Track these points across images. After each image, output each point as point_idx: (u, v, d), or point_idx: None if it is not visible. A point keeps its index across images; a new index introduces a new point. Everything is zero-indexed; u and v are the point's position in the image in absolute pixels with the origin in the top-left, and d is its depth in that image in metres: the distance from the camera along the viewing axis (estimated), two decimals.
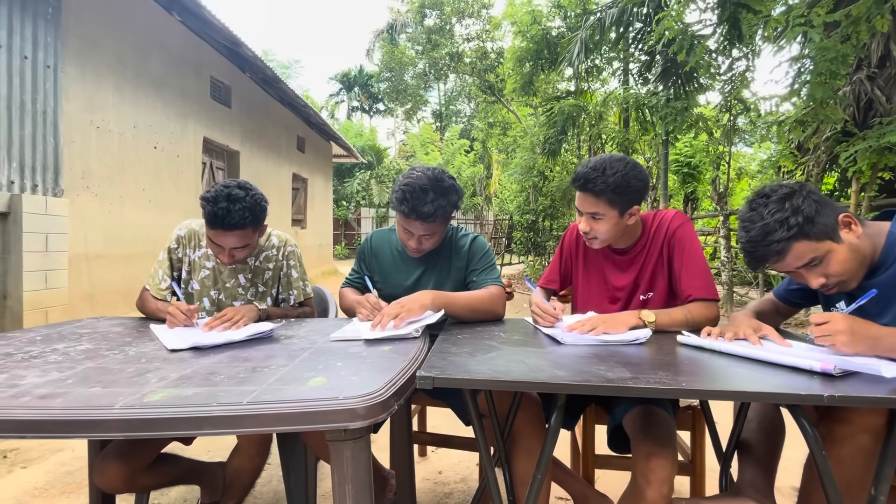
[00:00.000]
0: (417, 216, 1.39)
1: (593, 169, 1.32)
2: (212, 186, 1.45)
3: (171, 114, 5.09)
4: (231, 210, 1.37)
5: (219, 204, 1.37)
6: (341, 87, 27.02)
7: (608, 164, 1.32)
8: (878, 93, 5.98)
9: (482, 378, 0.82)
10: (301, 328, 1.38)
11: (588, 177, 1.32)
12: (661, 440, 1.11)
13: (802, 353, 0.94)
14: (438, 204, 1.39)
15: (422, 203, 1.37)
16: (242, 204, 1.39)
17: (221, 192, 1.39)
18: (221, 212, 1.37)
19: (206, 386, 0.85)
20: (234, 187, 1.42)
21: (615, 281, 1.50)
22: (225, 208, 1.37)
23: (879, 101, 5.91)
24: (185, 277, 1.61)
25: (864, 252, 1.04)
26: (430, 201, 1.38)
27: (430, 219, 1.40)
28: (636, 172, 1.34)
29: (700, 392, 0.78)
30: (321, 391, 0.81)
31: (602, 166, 1.32)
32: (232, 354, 1.08)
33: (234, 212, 1.37)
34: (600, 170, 1.31)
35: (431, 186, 1.39)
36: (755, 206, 1.09)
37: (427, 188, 1.38)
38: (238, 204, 1.38)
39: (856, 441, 0.91)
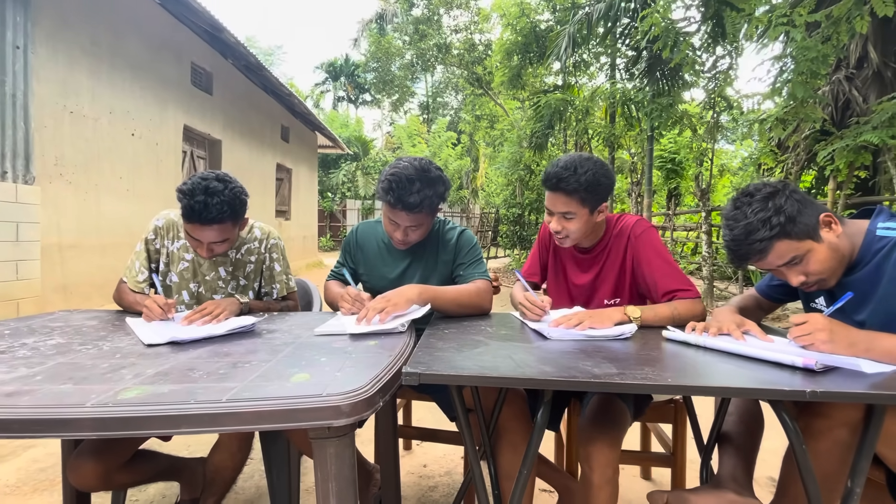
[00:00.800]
0: (403, 206, 1.37)
1: (565, 168, 1.33)
2: (189, 178, 1.40)
3: (149, 100, 4.93)
4: (209, 204, 1.32)
5: (195, 197, 1.32)
6: (327, 77, 26.59)
7: (578, 163, 1.33)
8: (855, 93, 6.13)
9: (469, 374, 0.81)
10: (284, 322, 1.35)
11: (560, 176, 1.33)
12: (604, 427, 1.15)
13: (785, 349, 0.95)
14: (425, 194, 1.37)
15: (408, 193, 1.35)
16: (221, 197, 1.34)
17: (199, 185, 1.34)
18: (198, 206, 1.32)
19: (183, 382, 0.82)
20: (212, 179, 1.37)
21: (575, 279, 1.52)
22: (202, 202, 1.32)
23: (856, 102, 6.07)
24: (163, 269, 1.56)
25: (843, 251, 1.06)
26: (416, 191, 1.35)
27: (416, 209, 1.38)
28: (605, 171, 1.36)
29: (686, 388, 0.78)
30: (304, 387, 0.79)
31: (573, 165, 1.33)
32: (211, 349, 1.05)
33: (212, 206, 1.33)
34: (571, 168, 1.32)
35: (418, 176, 1.37)
36: (739, 204, 1.10)
37: (413, 178, 1.36)
38: (216, 197, 1.33)
39: (834, 435, 0.93)
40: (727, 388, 0.77)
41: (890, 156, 4.33)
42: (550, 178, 1.35)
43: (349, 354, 0.99)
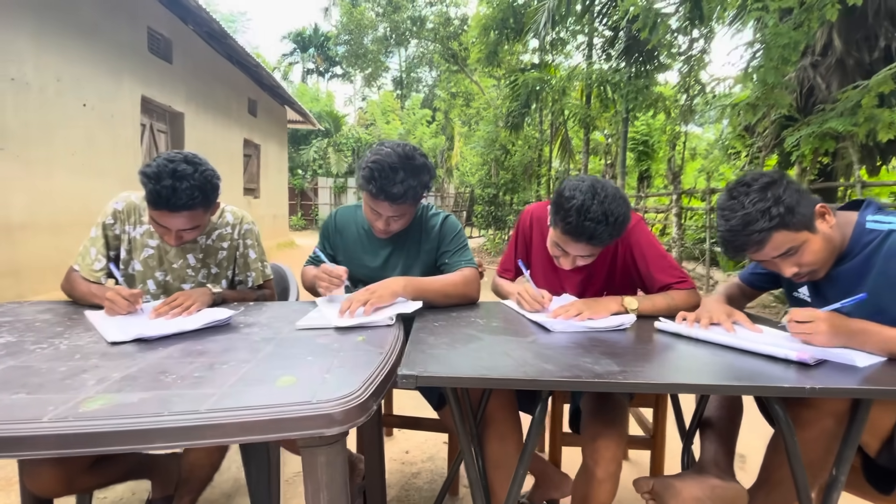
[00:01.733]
0: (386, 197, 1.29)
1: (596, 222, 1.16)
2: (153, 159, 1.27)
3: (101, 68, 4.55)
4: (177, 189, 1.20)
5: (162, 182, 1.20)
6: (295, 48, 25.41)
7: (608, 211, 1.16)
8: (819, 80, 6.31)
9: (469, 376, 0.77)
10: (262, 314, 1.27)
11: (594, 232, 1.17)
12: (609, 422, 1.14)
13: (778, 342, 0.96)
14: (409, 184, 1.29)
15: (391, 183, 1.27)
16: (191, 182, 1.22)
17: (165, 168, 1.21)
18: (166, 191, 1.20)
19: (155, 389, 0.75)
20: (179, 162, 1.24)
21: (565, 273, 1.47)
22: (170, 187, 1.20)
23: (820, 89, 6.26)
24: (124, 257, 1.44)
25: (835, 242, 1.07)
26: (399, 181, 1.27)
27: (400, 200, 1.30)
28: (625, 204, 1.22)
29: (692, 386, 0.77)
30: (291, 393, 0.73)
31: (603, 216, 1.16)
32: (184, 348, 0.97)
33: (182, 191, 1.21)
34: (604, 221, 1.16)
35: (402, 165, 1.29)
36: (736, 194, 1.08)
37: (397, 167, 1.28)
38: (185, 182, 1.22)
39: (821, 424, 0.95)
40: (732, 385, 0.76)
41: (852, 143, 4.50)
42: (582, 233, 1.18)
43: (337, 352, 0.93)
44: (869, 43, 6.09)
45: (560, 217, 1.20)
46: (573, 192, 1.18)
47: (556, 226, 1.24)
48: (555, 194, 1.25)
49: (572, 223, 1.17)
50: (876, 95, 3.96)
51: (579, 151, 9.00)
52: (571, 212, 1.17)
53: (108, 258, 1.42)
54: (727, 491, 1.11)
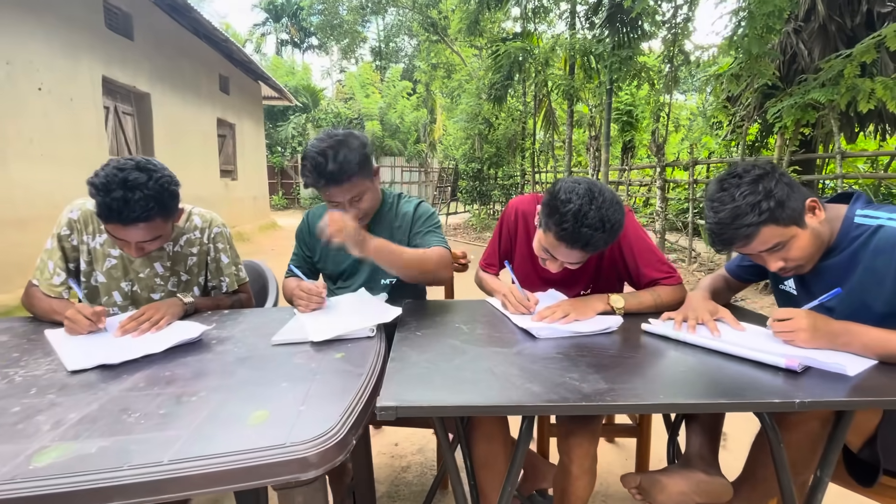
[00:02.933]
0: (328, 180, 1.27)
1: (594, 229, 1.09)
2: (102, 167, 1.15)
3: (55, 46, 4.24)
4: (129, 200, 1.10)
5: (112, 193, 1.09)
6: (267, 17, 24.19)
7: (605, 217, 1.10)
8: (801, 47, 6.26)
9: (452, 405, 0.73)
10: (236, 326, 1.21)
11: (590, 239, 1.11)
12: (581, 419, 1.14)
13: (765, 346, 0.94)
14: (342, 157, 1.27)
15: (324, 165, 1.26)
16: (144, 192, 1.12)
17: (114, 178, 1.10)
18: (117, 203, 1.10)
19: (114, 434, 0.69)
20: (131, 169, 1.13)
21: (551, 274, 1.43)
22: (121, 199, 1.10)
23: (802, 55, 6.21)
24: (85, 269, 1.35)
25: (823, 237, 1.05)
26: (331, 158, 1.26)
27: (343, 176, 1.28)
28: (620, 209, 1.15)
29: (679, 405, 0.75)
30: (264, 433, 0.68)
31: (600, 222, 1.09)
32: (151, 374, 0.91)
33: (135, 202, 1.11)
34: (601, 228, 1.10)
35: (328, 145, 1.28)
36: (726, 186, 1.05)
37: (324, 149, 1.27)
38: (138, 192, 1.11)
39: (807, 427, 0.95)
40: (721, 403, 0.74)
41: (833, 113, 4.51)
42: (577, 240, 1.11)
43: (314, 374, 0.89)
44: (851, 7, 6.03)
45: (554, 222, 1.13)
46: (569, 195, 1.11)
47: (548, 230, 1.17)
48: (547, 196, 1.18)
49: (568, 229, 1.10)
50: (858, 65, 3.93)
51: (563, 123, 8.87)
52: (567, 216, 1.09)
53: (68, 271, 1.33)
54: (712, 485, 1.12)
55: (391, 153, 16.84)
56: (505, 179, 11.24)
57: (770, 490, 1.09)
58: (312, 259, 1.54)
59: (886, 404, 0.76)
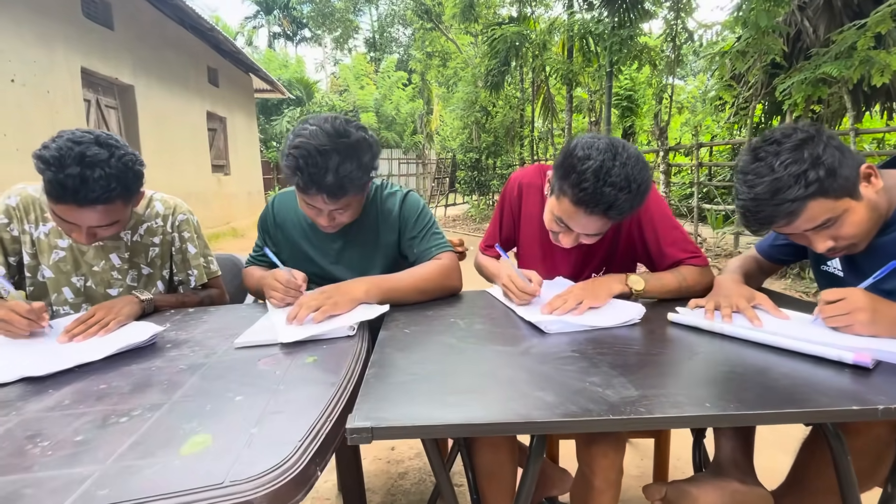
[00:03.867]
0: (319, 189, 1.02)
1: (618, 189, 0.95)
2: (52, 139, 1.00)
3: (28, 36, 4.03)
4: (88, 178, 0.95)
5: (67, 170, 0.94)
6: (258, 10, 23.77)
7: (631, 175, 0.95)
8: (806, 23, 6.05)
9: (442, 424, 0.57)
10: (198, 327, 1.05)
11: (615, 201, 0.96)
12: None
13: (822, 338, 0.78)
14: (346, 170, 1.01)
15: (322, 172, 0.99)
16: (105, 169, 0.97)
17: (70, 151, 0.95)
18: (73, 182, 0.95)
19: (12, 472, 0.54)
20: (89, 144, 0.98)
21: (560, 256, 1.28)
22: (77, 176, 0.94)
23: (807, 33, 6.00)
24: (29, 262, 1.19)
25: (880, 209, 0.88)
26: (332, 168, 1.00)
27: (338, 193, 1.04)
28: (645, 165, 1.00)
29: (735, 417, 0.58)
30: (198, 466, 0.53)
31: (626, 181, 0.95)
32: (83, 388, 0.76)
33: (94, 181, 0.96)
34: (626, 188, 0.95)
35: (333, 146, 1.00)
36: (763, 154, 0.88)
37: (327, 149, 1.00)
38: (98, 169, 0.96)
39: (873, 432, 0.79)
40: (785, 413, 0.58)
41: (845, 88, 4.32)
42: (599, 201, 0.96)
43: (276, 385, 0.73)
44: None
45: (571, 183, 0.96)
46: (588, 150, 0.95)
47: (562, 194, 1.00)
48: (562, 155, 1.01)
49: (588, 189, 0.94)
50: (872, 36, 3.74)
51: (562, 110, 8.65)
52: (587, 174, 0.93)
53: (8, 265, 1.17)
54: (750, 496, 0.97)
55: (388, 145, 16.61)
56: (504, 169, 11.04)
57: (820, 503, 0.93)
58: (279, 256, 1.26)
59: None
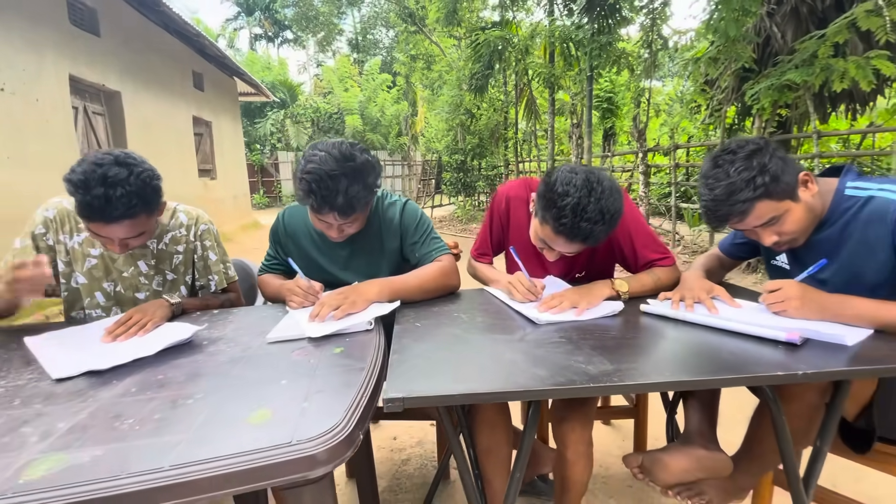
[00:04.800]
0: (331, 209, 1.17)
1: (593, 222, 1.08)
2: (78, 163, 1.10)
3: (17, 44, 4.04)
4: (111, 197, 1.06)
5: (93, 191, 1.05)
6: (239, 11, 23.55)
7: (605, 208, 1.08)
8: (775, 29, 6.37)
9: (459, 393, 0.72)
10: (227, 326, 1.18)
11: (591, 233, 1.10)
12: (574, 405, 1.15)
13: (764, 322, 0.95)
14: (354, 192, 1.16)
15: (333, 194, 1.14)
16: (126, 188, 1.08)
17: (93, 174, 1.06)
18: (98, 201, 1.06)
19: (109, 442, 0.66)
20: (110, 165, 1.09)
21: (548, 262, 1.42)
22: (102, 196, 1.05)
23: (776, 38, 6.32)
24: (63, 270, 1.30)
25: (815, 210, 1.06)
26: (342, 191, 1.14)
27: (350, 211, 1.18)
28: (619, 198, 1.14)
29: (685, 383, 0.75)
30: (267, 432, 0.66)
31: (600, 214, 1.08)
32: (142, 379, 0.88)
33: (116, 199, 1.07)
34: (601, 220, 1.09)
35: (342, 170, 1.14)
36: (721, 162, 1.05)
37: (337, 174, 1.14)
38: (119, 188, 1.07)
39: (806, 398, 0.96)
40: (727, 378, 0.75)
41: (808, 93, 4.59)
42: (577, 234, 1.10)
43: (314, 371, 0.86)
44: None
45: (552, 216, 1.11)
46: (566, 187, 1.08)
47: (545, 222, 1.15)
48: (543, 187, 1.15)
49: (567, 224, 1.08)
50: (831, 45, 4.01)
51: (545, 112, 8.87)
52: (566, 211, 1.07)
53: None
54: (713, 460, 1.14)
55: (373, 147, 16.67)
56: (489, 170, 11.23)
57: (768, 462, 1.11)
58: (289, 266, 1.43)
59: (884, 372, 0.78)
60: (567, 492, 1.21)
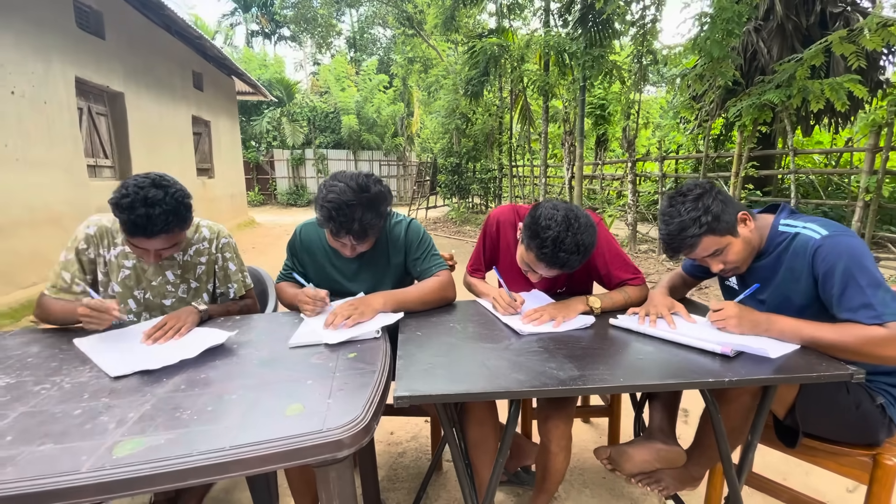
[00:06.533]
0: (348, 233, 1.33)
1: (570, 253, 1.26)
2: (122, 186, 1.27)
3: (26, 49, 4.15)
4: (152, 216, 1.24)
5: (136, 211, 1.23)
6: (236, 7, 23.52)
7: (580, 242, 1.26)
8: (761, 45, 6.62)
9: (455, 392, 0.90)
10: (251, 331, 1.34)
11: (567, 262, 1.28)
12: (558, 404, 1.34)
13: (707, 336, 1.14)
14: (368, 220, 1.32)
15: (350, 221, 1.30)
16: (163, 207, 1.26)
17: (137, 197, 1.24)
18: (141, 220, 1.24)
19: (176, 428, 0.83)
20: (148, 188, 1.27)
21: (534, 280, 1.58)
22: (144, 215, 1.24)
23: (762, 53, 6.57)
24: (102, 280, 1.46)
25: (753, 244, 1.25)
26: (358, 219, 1.30)
27: (364, 236, 1.35)
28: (594, 232, 1.32)
29: (636, 386, 0.93)
30: (302, 422, 0.83)
31: (576, 247, 1.26)
32: (188, 378, 1.05)
33: (156, 217, 1.25)
34: (576, 252, 1.27)
35: (359, 200, 1.30)
36: (674, 203, 1.25)
37: (354, 203, 1.30)
38: (158, 207, 1.25)
39: (740, 400, 1.15)
40: (670, 383, 0.93)
41: (786, 112, 4.83)
42: (556, 262, 1.29)
43: (333, 373, 1.04)
44: (807, 7, 6.41)
45: (535, 245, 1.29)
46: (549, 222, 1.27)
47: (529, 249, 1.34)
48: (529, 218, 1.34)
49: (547, 254, 1.27)
50: (808, 68, 4.24)
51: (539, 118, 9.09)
52: (547, 242, 1.26)
53: (86, 282, 1.43)
54: (669, 453, 1.33)
55: (368, 147, 16.80)
56: (483, 173, 11.43)
57: (716, 455, 1.30)
58: (305, 275, 1.60)
59: (797, 380, 0.97)
60: (546, 480, 1.40)
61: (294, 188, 16.99)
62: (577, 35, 6.75)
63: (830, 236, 1.13)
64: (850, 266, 1.08)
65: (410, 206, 12.87)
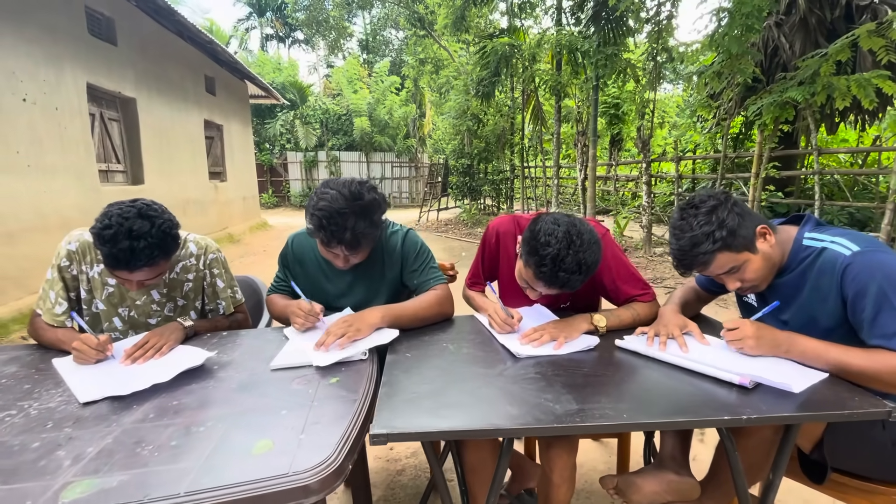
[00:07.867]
0: (339, 243, 1.26)
1: (570, 272, 1.17)
2: (104, 214, 1.19)
3: (38, 56, 4.20)
4: (135, 249, 1.16)
5: (119, 245, 1.14)
6: (251, 11, 23.84)
7: (582, 260, 1.16)
8: (783, 40, 6.37)
9: (437, 430, 0.81)
10: (235, 350, 1.28)
11: (567, 282, 1.19)
12: None
13: (723, 363, 1.03)
14: (360, 229, 1.24)
15: (341, 230, 1.23)
16: (148, 240, 1.17)
17: (121, 229, 1.15)
18: (123, 254, 1.15)
19: (132, 468, 0.77)
20: (134, 218, 1.18)
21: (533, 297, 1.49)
22: (127, 249, 1.15)
23: (784, 49, 6.33)
24: (85, 297, 1.41)
25: (774, 259, 1.14)
26: (350, 227, 1.23)
27: (357, 246, 1.28)
28: (597, 251, 1.22)
29: (639, 425, 0.83)
30: (268, 462, 0.76)
31: (577, 266, 1.16)
32: (159, 404, 0.98)
33: (140, 251, 1.16)
34: (577, 271, 1.17)
35: (351, 209, 1.23)
36: (685, 215, 1.14)
37: (346, 211, 1.22)
38: (143, 241, 1.16)
39: (761, 434, 1.04)
40: (677, 421, 0.83)
41: (810, 110, 4.62)
42: (555, 282, 1.19)
43: (310, 400, 0.96)
44: (831, 1, 6.15)
45: (534, 262, 1.19)
46: (548, 237, 1.17)
47: (527, 266, 1.23)
48: (528, 233, 1.23)
49: (546, 273, 1.17)
50: (834, 63, 4.04)
51: (551, 118, 8.94)
52: (546, 260, 1.16)
53: (69, 300, 1.38)
54: (682, 485, 1.22)
55: (381, 149, 16.81)
56: (495, 174, 11.32)
57: (731, 490, 1.19)
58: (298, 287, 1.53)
59: (826, 418, 0.86)
60: None
61: (307, 190, 17.10)
62: (590, 33, 6.60)
63: (862, 253, 1.01)
64: (884, 287, 0.96)
65: (422, 207, 12.81)
